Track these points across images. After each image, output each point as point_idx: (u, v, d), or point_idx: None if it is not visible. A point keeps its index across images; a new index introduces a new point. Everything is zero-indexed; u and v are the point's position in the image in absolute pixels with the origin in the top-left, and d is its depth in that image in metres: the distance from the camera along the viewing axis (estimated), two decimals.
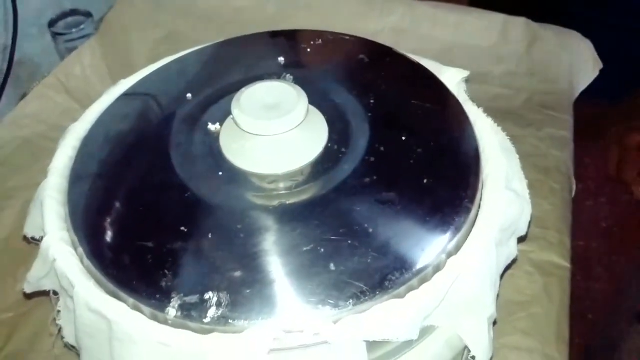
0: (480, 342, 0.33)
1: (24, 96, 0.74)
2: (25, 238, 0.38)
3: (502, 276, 0.37)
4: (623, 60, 1.25)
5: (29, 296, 0.38)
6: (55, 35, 0.75)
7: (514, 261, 0.37)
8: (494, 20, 0.88)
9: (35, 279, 0.35)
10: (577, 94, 0.89)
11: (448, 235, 0.32)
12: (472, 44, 0.88)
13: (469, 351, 0.34)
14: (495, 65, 0.86)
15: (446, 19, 0.87)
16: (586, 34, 0.90)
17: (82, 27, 0.75)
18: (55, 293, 0.37)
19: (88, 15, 0.77)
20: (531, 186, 0.71)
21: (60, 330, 0.37)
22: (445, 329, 0.34)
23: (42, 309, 0.60)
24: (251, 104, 0.35)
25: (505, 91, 0.81)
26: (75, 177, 0.37)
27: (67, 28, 0.76)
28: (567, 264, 0.62)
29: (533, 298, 0.59)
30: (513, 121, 0.76)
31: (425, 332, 0.33)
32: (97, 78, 0.74)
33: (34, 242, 0.38)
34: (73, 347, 0.36)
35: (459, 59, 0.86)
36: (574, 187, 0.80)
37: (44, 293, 0.38)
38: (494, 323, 0.36)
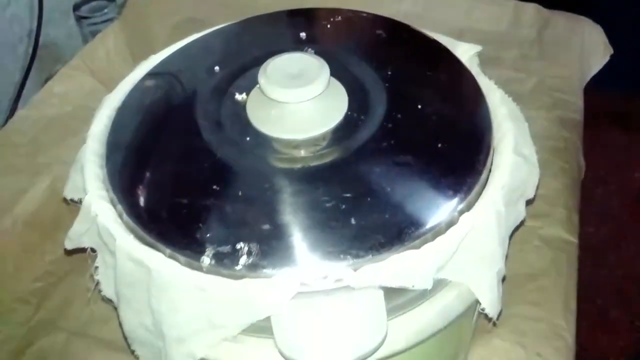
0: (490, 295, 0.35)
1: (48, 79, 0.77)
2: (64, 200, 0.41)
3: (510, 237, 0.40)
4: (636, 50, 1.26)
5: (69, 252, 0.40)
6: (79, 18, 0.78)
7: (522, 223, 0.39)
8: (505, 6, 0.90)
9: (76, 235, 0.38)
10: (587, 78, 0.90)
11: (461, 194, 0.35)
12: (483, 29, 0.90)
13: (479, 304, 0.36)
14: (507, 50, 0.88)
15: (458, 4, 0.89)
16: (598, 21, 0.92)
17: (105, 11, 0.78)
18: (93, 250, 0.39)
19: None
20: (541, 165, 0.73)
21: (97, 285, 0.39)
22: (457, 284, 0.36)
23: (70, 279, 0.63)
24: (276, 73, 0.38)
25: (516, 75, 0.83)
26: (112, 142, 0.40)
27: (90, 12, 0.78)
28: (574, 240, 0.64)
29: (541, 271, 0.61)
30: (523, 103, 0.77)
31: (438, 285, 0.36)
32: (120, 60, 0.77)
33: (74, 204, 0.40)
34: (109, 300, 0.39)
35: (470, 43, 0.88)
36: (584, 168, 0.82)
37: (82, 250, 0.40)
38: (503, 280, 0.38)
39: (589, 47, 0.90)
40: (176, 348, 0.35)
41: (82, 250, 0.40)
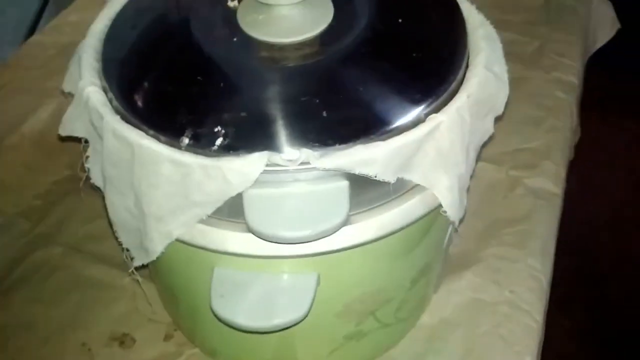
0: (450, 196, 0.37)
1: None
2: (62, 93, 0.44)
3: (479, 155, 0.42)
4: None
5: (62, 139, 0.43)
6: None
7: (490, 139, 0.41)
8: None
9: (69, 120, 0.41)
10: (593, 50, 0.92)
11: (429, 99, 0.37)
12: None
13: (442, 207, 0.38)
14: (514, 14, 0.89)
15: None
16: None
17: None
18: (86, 141, 0.42)
19: None
20: (533, 121, 0.75)
21: (88, 172, 0.42)
22: (421, 189, 0.38)
23: (70, 199, 0.66)
24: None
25: (521, 38, 0.85)
26: (109, 37, 0.42)
27: None
28: (559, 192, 0.66)
29: (522, 217, 0.63)
30: (523, 64, 0.80)
31: (402, 187, 0.38)
32: None
33: (71, 96, 0.43)
34: (97, 188, 0.42)
35: (482, 6, 0.90)
36: (579, 132, 0.83)
37: (77, 140, 0.43)
38: (468, 190, 0.40)
39: (596, 19, 0.92)
40: (155, 227, 0.37)
41: (77, 140, 0.43)
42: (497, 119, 0.41)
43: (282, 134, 0.35)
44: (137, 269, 0.42)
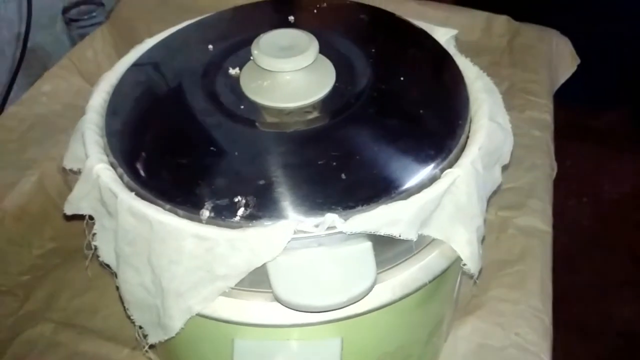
0: (469, 249, 0.37)
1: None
2: (64, 170, 0.42)
3: (488, 201, 0.42)
4: (602, 68, 1.32)
5: (68, 218, 0.42)
6: (68, 21, 0.80)
7: (499, 188, 0.42)
8: (477, 18, 0.94)
9: (76, 199, 0.39)
10: (557, 86, 0.95)
11: (442, 154, 0.38)
12: (457, 38, 0.94)
13: (461, 261, 0.38)
14: (480, 57, 0.91)
15: (433, 15, 0.93)
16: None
17: (93, 14, 0.80)
18: (91, 218, 0.41)
19: (99, 4, 0.82)
20: (514, 161, 0.77)
21: (95, 251, 0.41)
22: (439, 242, 0.38)
23: (58, 273, 0.64)
24: (269, 46, 0.40)
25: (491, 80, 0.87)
26: (111, 111, 0.42)
27: (79, 15, 0.80)
28: (549, 229, 0.67)
29: (518, 257, 0.64)
30: None
31: (422, 242, 0.38)
32: (108, 62, 0.79)
33: (73, 174, 0.42)
34: (107, 265, 0.40)
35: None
36: (555, 167, 0.85)
37: (80, 218, 0.42)
38: (482, 239, 0.41)
39: (557, 56, 0.95)
40: (175, 303, 0.36)
41: (81, 217, 0.41)
42: (504, 168, 0.42)
43: (303, 199, 0.35)
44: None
